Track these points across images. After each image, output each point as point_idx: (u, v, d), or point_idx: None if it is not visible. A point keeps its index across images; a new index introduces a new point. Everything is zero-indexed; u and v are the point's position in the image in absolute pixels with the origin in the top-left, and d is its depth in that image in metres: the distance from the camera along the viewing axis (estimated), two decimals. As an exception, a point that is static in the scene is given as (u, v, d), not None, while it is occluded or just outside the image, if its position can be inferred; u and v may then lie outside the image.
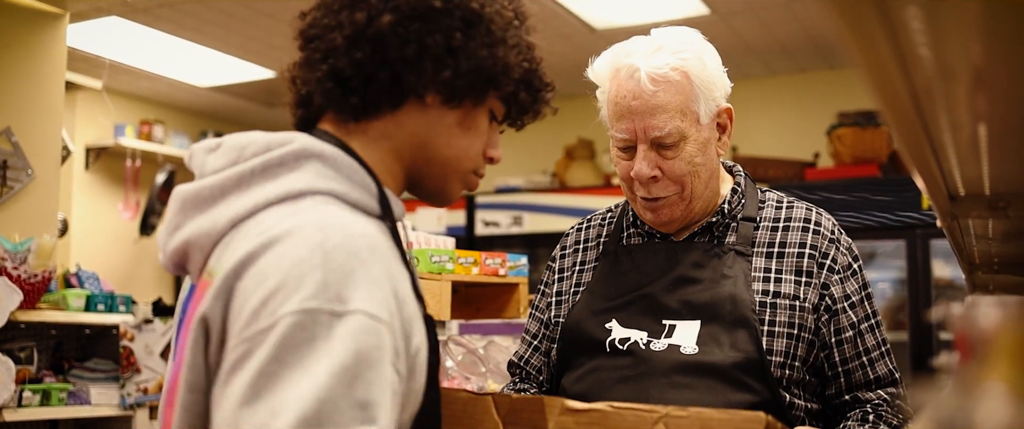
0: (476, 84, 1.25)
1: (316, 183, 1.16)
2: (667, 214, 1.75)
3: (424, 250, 2.46)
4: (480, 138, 1.31)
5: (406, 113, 1.26)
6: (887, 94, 0.68)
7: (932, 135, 0.86)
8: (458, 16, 1.23)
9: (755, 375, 1.64)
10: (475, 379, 2.58)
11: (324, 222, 1.09)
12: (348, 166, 1.20)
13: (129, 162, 6.91)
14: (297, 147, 1.18)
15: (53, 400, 4.27)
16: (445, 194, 1.34)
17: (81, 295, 4.46)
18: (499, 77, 1.26)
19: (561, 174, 6.70)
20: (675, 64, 1.68)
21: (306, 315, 1.01)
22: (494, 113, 1.32)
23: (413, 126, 1.26)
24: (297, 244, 1.06)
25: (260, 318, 1.03)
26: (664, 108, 1.68)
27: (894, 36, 0.57)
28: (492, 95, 1.29)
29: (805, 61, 6.20)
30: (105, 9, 5.20)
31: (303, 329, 1.01)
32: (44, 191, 4.68)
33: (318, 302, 1.02)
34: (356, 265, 1.05)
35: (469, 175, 1.34)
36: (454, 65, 1.22)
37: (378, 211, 1.22)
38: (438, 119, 1.27)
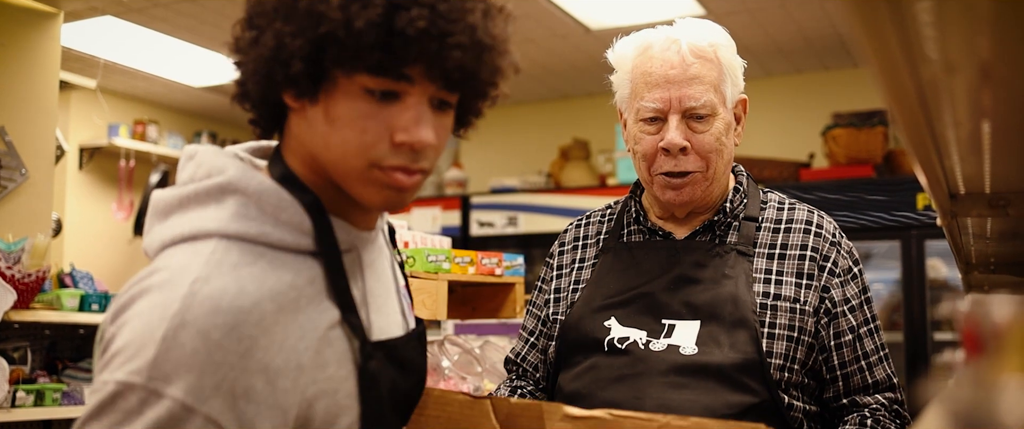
0: (307, 67, 1.09)
1: (227, 225, 1.13)
2: (688, 193, 1.74)
3: (421, 249, 2.46)
4: (357, 126, 1.11)
5: (293, 122, 1.19)
6: (894, 88, 0.68)
7: (935, 131, 0.86)
8: (265, 14, 1.14)
9: (754, 376, 1.64)
10: (471, 379, 2.57)
11: (192, 290, 1.07)
12: (274, 204, 1.15)
13: (123, 162, 6.90)
14: (223, 180, 1.16)
15: (47, 400, 4.25)
16: (363, 201, 1.17)
17: (75, 295, 4.44)
18: (323, 48, 1.08)
19: (556, 174, 6.70)
20: (713, 40, 1.73)
21: (127, 387, 1.04)
22: (381, 91, 1.11)
23: (301, 136, 1.18)
24: (155, 308, 1.06)
25: (104, 370, 1.07)
26: (701, 80, 1.70)
27: (903, 29, 0.57)
28: (347, 74, 1.10)
29: (800, 62, 6.21)
30: (99, 8, 5.19)
31: (120, 399, 1.03)
32: (38, 191, 4.67)
33: (142, 378, 1.03)
34: (199, 347, 1.04)
35: (370, 173, 1.13)
36: (281, 54, 1.10)
37: (310, 248, 1.17)
38: (311, 122, 1.15)
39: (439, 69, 1.10)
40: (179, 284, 1.07)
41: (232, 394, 1.05)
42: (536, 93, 6.97)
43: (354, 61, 1.07)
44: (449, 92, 1.15)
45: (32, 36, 4.75)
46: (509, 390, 1.91)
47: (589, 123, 6.88)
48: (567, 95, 7.03)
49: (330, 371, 1.15)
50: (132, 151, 6.88)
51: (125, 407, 1.03)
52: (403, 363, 1.28)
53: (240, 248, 1.12)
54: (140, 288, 1.10)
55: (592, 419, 1.35)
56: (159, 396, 1.03)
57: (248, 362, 1.07)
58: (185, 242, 1.14)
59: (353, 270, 1.23)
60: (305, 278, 1.15)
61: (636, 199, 1.87)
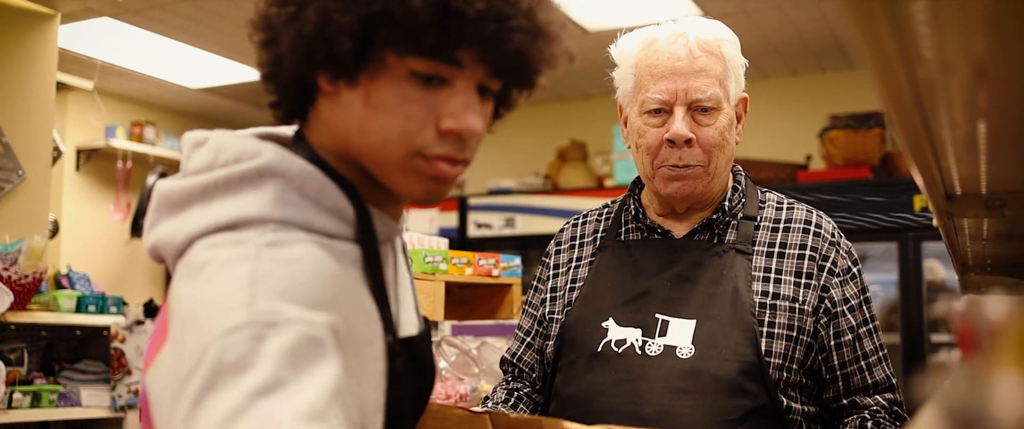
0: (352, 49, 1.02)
1: (272, 211, 1.04)
2: (690, 186, 1.74)
3: (418, 250, 2.46)
4: (401, 112, 1.05)
5: (323, 106, 1.11)
6: (890, 88, 0.68)
7: (932, 132, 0.86)
8: None
9: (753, 378, 1.64)
10: (468, 380, 2.57)
11: (262, 254, 0.99)
12: (317, 190, 1.08)
13: (120, 163, 6.89)
14: (261, 164, 1.07)
15: (44, 402, 4.25)
16: (402, 192, 1.11)
17: (72, 296, 4.44)
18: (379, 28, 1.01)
19: (553, 176, 6.70)
20: (719, 36, 1.75)
21: (228, 335, 0.92)
22: (428, 75, 1.04)
23: (333, 121, 1.10)
24: (225, 280, 0.97)
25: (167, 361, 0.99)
26: (707, 73, 1.71)
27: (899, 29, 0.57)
28: (398, 56, 1.03)
29: (797, 64, 6.21)
30: (96, 10, 5.19)
31: (228, 351, 0.91)
32: (35, 192, 4.67)
33: (245, 318, 0.93)
34: (289, 286, 0.97)
35: (412, 161, 1.07)
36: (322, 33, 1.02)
37: (351, 235, 1.10)
38: (347, 105, 1.07)
39: (496, 53, 1.04)
40: (240, 261, 0.99)
41: (334, 328, 0.97)
42: (533, 94, 6.95)
43: (406, 42, 1.00)
44: (495, 79, 1.09)
45: (29, 37, 4.75)
46: (506, 392, 1.90)
47: (586, 125, 6.88)
48: (564, 97, 7.03)
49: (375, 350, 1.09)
50: (129, 152, 6.88)
51: (236, 357, 0.90)
52: (422, 362, 1.23)
53: (283, 237, 1.03)
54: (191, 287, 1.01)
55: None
56: (272, 325, 0.92)
57: (334, 309, 1.00)
58: (224, 231, 1.04)
59: (386, 262, 1.17)
60: (349, 259, 1.09)
61: (635, 197, 1.87)
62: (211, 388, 0.90)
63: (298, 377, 0.91)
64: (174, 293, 1.04)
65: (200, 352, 0.92)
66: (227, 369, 0.90)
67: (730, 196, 1.80)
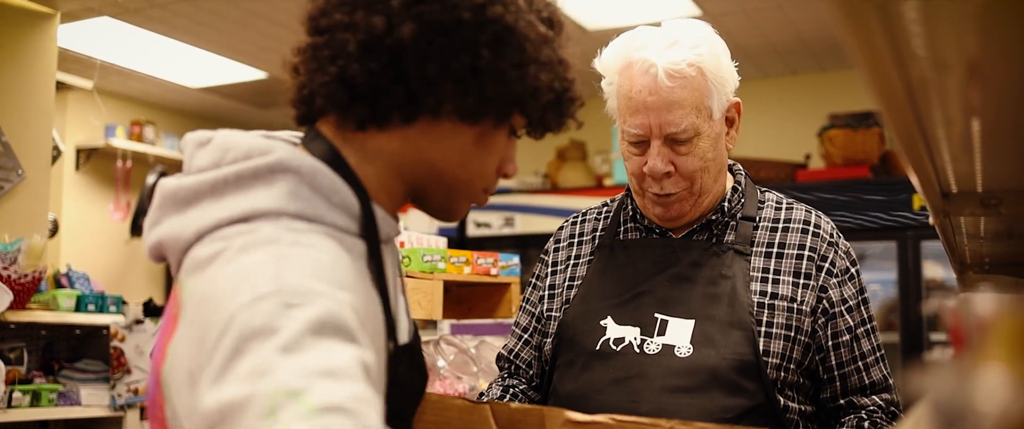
0: (501, 108, 1.14)
1: (285, 204, 1.07)
2: (677, 210, 1.74)
3: (416, 249, 2.46)
4: (496, 156, 1.20)
5: (418, 128, 1.14)
6: (883, 87, 0.68)
7: (926, 130, 0.86)
8: (489, 31, 1.10)
9: (750, 377, 1.64)
10: (467, 379, 2.57)
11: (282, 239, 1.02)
12: (328, 186, 1.11)
13: (120, 163, 6.89)
14: (273, 160, 1.10)
15: (43, 401, 4.25)
16: (452, 212, 1.24)
17: (71, 295, 4.44)
18: (527, 100, 1.14)
19: (553, 175, 6.70)
20: (692, 59, 1.66)
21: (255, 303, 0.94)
22: (514, 128, 1.20)
23: (423, 143, 1.15)
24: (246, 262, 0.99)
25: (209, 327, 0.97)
26: (680, 104, 1.66)
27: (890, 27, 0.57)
28: (516, 114, 1.17)
29: (796, 63, 6.22)
30: (96, 9, 5.19)
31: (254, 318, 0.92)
32: (34, 191, 4.67)
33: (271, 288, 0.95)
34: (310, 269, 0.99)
35: (480, 193, 1.23)
36: (478, 89, 1.11)
37: (356, 231, 1.13)
38: (452, 136, 1.15)
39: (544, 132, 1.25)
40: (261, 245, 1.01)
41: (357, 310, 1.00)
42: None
43: (540, 118, 1.19)
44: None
45: (28, 37, 4.75)
46: (501, 389, 1.90)
47: (586, 124, 6.86)
48: (564, 96, 7.02)
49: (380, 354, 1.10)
50: (129, 152, 6.88)
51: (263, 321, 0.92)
52: (418, 366, 1.25)
53: (299, 230, 1.06)
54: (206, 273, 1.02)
55: (595, 424, 1.33)
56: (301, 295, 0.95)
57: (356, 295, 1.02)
58: (237, 223, 1.06)
59: (387, 262, 1.20)
60: (357, 253, 1.12)
61: (632, 197, 1.87)
62: (239, 353, 0.90)
63: (327, 346, 0.92)
64: (184, 284, 1.06)
65: (226, 321, 0.93)
66: (255, 333, 0.91)
67: (729, 196, 1.80)
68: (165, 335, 1.08)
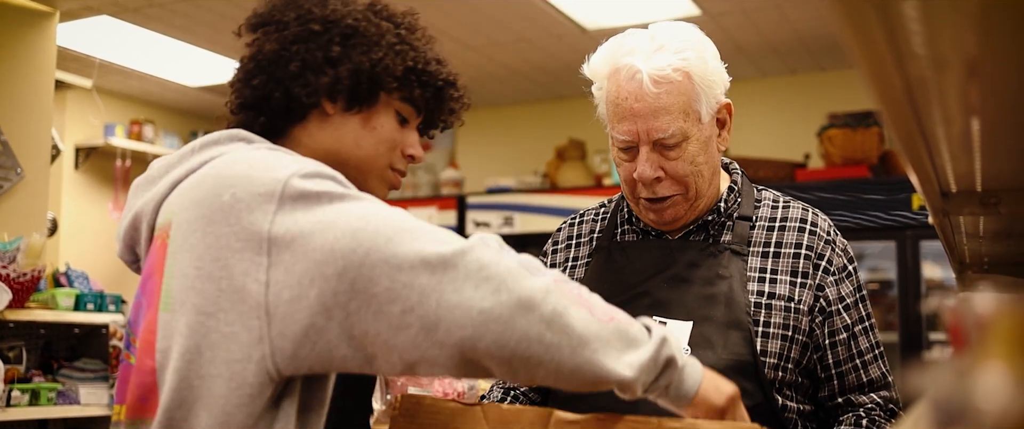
0: (360, 86, 1.39)
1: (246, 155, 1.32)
2: (671, 214, 1.74)
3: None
4: (388, 137, 1.45)
5: (314, 124, 1.42)
6: (882, 86, 0.68)
7: (925, 129, 0.86)
8: (336, 31, 1.40)
9: (748, 377, 1.64)
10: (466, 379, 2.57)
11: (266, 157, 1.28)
12: (268, 147, 1.35)
13: (119, 162, 6.89)
14: (230, 132, 1.37)
15: (42, 400, 4.25)
16: (371, 191, 1.39)
17: (70, 294, 4.44)
18: (380, 77, 1.40)
19: (552, 175, 6.70)
20: (677, 64, 1.66)
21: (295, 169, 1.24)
22: (403, 115, 1.46)
23: (321, 135, 1.42)
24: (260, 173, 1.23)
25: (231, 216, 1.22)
26: (667, 110, 1.65)
27: (890, 26, 0.57)
28: (388, 97, 1.43)
29: (796, 63, 6.22)
30: (95, 8, 5.19)
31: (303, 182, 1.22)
32: (33, 190, 4.67)
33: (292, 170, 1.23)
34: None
35: (386, 172, 1.47)
36: (333, 72, 1.38)
37: None
38: (342, 124, 1.42)
39: (441, 121, 1.53)
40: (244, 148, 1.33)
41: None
42: (532, 93, 6.97)
43: (417, 106, 1.47)
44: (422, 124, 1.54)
45: (28, 36, 4.75)
46: (502, 391, 1.91)
47: (585, 123, 6.82)
48: (563, 95, 7.03)
49: None
50: (128, 151, 6.88)
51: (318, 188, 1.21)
52: None
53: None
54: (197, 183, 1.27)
55: (583, 423, 1.34)
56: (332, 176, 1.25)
57: None
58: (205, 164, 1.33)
59: None
60: None
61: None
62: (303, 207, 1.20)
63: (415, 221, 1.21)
64: (165, 211, 1.29)
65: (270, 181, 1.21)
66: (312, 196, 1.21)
67: (726, 196, 1.80)
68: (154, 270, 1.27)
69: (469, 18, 5.35)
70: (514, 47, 5.90)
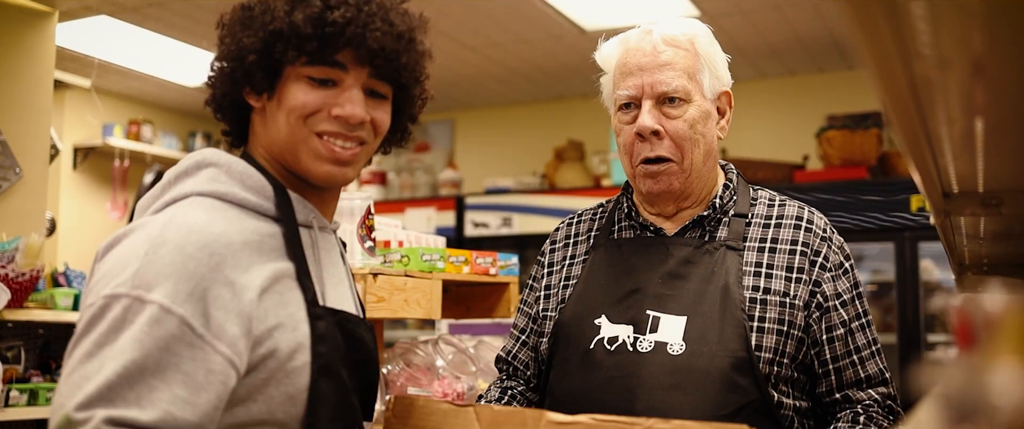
0: (256, 67, 1.35)
1: (202, 186, 1.35)
2: (666, 182, 1.76)
3: (415, 248, 2.46)
4: (296, 105, 1.36)
5: (256, 122, 1.43)
6: (888, 85, 0.68)
7: (929, 128, 0.87)
8: (229, 20, 1.40)
9: (743, 373, 1.64)
10: (465, 378, 2.57)
11: (172, 220, 1.27)
12: (241, 172, 1.37)
13: (117, 162, 6.89)
14: (199, 157, 1.39)
15: (41, 400, 4.24)
16: (311, 174, 1.40)
17: (69, 294, 4.43)
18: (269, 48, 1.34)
19: (550, 175, 6.70)
20: (687, 32, 1.77)
21: (113, 299, 1.20)
22: (319, 78, 1.37)
23: (264, 133, 1.42)
24: (138, 237, 1.25)
25: (90, 295, 1.24)
26: (672, 66, 1.74)
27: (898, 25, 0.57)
28: (294, 68, 1.36)
29: (794, 64, 6.22)
30: (94, 8, 5.18)
31: (108, 310, 1.20)
32: (32, 190, 4.66)
33: (126, 288, 1.20)
34: (176, 259, 1.22)
35: (310, 139, 1.38)
36: (234, 61, 1.37)
37: (272, 212, 1.38)
38: (270, 115, 1.40)
39: (365, 51, 1.35)
40: (157, 221, 1.28)
41: (203, 300, 1.22)
42: (531, 94, 6.97)
43: (297, 51, 1.34)
44: (380, 82, 1.41)
45: (26, 35, 4.74)
46: (499, 390, 1.91)
47: (583, 124, 6.88)
48: (562, 96, 7.03)
49: (291, 310, 1.32)
50: (126, 151, 6.87)
51: (111, 317, 1.19)
52: (353, 337, 1.41)
53: (212, 201, 1.34)
54: (123, 232, 1.29)
55: (575, 425, 1.35)
56: (142, 302, 1.19)
57: (217, 274, 1.24)
58: (165, 207, 1.35)
59: (309, 243, 1.42)
60: (267, 232, 1.35)
61: (628, 196, 1.89)
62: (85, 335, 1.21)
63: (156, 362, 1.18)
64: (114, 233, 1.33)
65: (87, 304, 1.24)
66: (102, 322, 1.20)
67: (721, 194, 1.81)
68: None
69: (468, 18, 5.35)
70: (513, 47, 5.90)
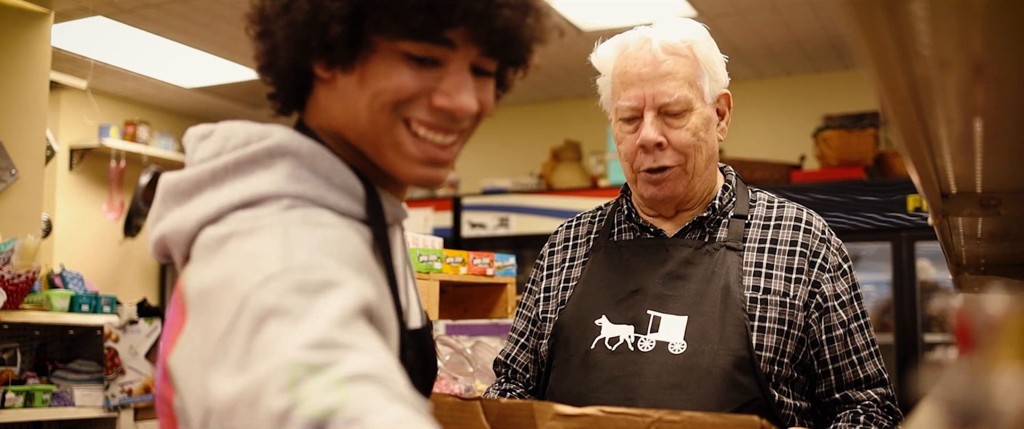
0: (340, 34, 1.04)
1: (285, 186, 1.06)
2: (669, 188, 1.75)
3: (412, 249, 2.46)
4: (387, 88, 1.06)
5: (321, 94, 1.12)
6: (888, 85, 0.68)
7: (928, 128, 0.86)
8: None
9: (744, 373, 1.65)
10: (463, 379, 2.57)
11: (289, 227, 1.00)
12: (327, 168, 1.09)
13: (113, 163, 6.88)
14: (272, 144, 1.08)
15: (37, 402, 4.24)
16: (397, 173, 1.12)
17: (65, 296, 4.43)
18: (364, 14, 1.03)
19: (548, 176, 6.70)
20: (686, 37, 1.74)
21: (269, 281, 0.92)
22: (419, 56, 1.06)
23: (331, 108, 1.11)
24: (253, 247, 0.97)
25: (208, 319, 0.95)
26: (673, 76, 1.72)
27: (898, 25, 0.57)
28: (380, 39, 1.05)
29: (791, 64, 6.22)
30: (90, 9, 5.18)
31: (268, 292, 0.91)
32: (28, 191, 4.65)
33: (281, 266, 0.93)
34: (319, 248, 0.97)
35: (397, 131, 1.09)
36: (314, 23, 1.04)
37: (361, 215, 1.11)
38: (343, 91, 1.09)
39: (485, 29, 1.05)
40: (267, 227, 0.99)
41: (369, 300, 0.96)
42: (528, 94, 6.97)
43: (396, 24, 1.02)
44: (490, 58, 1.10)
45: (22, 36, 4.73)
46: (498, 393, 1.91)
47: (581, 124, 6.88)
48: (559, 96, 7.03)
49: (390, 342, 1.08)
50: (123, 152, 6.87)
51: (275, 301, 0.89)
52: (427, 355, 1.21)
53: (302, 212, 1.04)
54: (213, 262, 0.99)
55: (584, 416, 1.35)
56: (315, 276, 0.92)
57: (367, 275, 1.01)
58: (239, 209, 1.04)
59: (394, 247, 1.18)
60: (362, 243, 1.08)
61: (627, 197, 1.89)
62: (256, 333, 0.88)
63: (346, 321, 0.89)
64: (191, 274, 1.02)
65: (238, 305, 0.91)
66: (271, 312, 0.88)
67: (720, 195, 1.82)
68: (173, 328, 1.05)
69: (465, 19, 5.34)
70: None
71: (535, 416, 1.38)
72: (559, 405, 1.37)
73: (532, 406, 1.39)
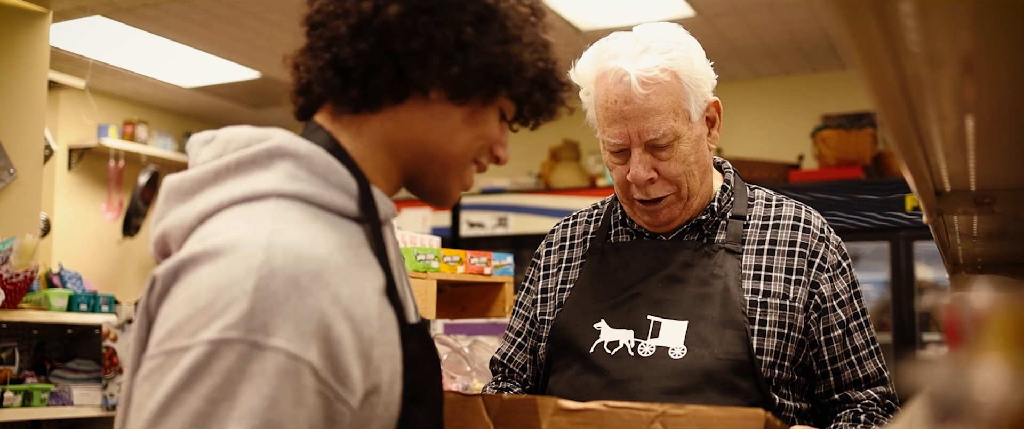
0: (486, 82, 1.19)
1: (283, 185, 1.12)
2: (666, 215, 1.75)
3: (410, 248, 2.46)
4: (485, 136, 1.25)
5: (408, 108, 1.20)
6: (878, 84, 0.68)
7: (920, 127, 0.86)
8: (471, 10, 1.17)
9: (745, 377, 1.64)
10: (460, 378, 2.57)
11: (271, 240, 1.05)
12: (324, 166, 1.15)
13: (112, 162, 6.88)
14: (272, 145, 1.15)
15: (35, 401, 4.24)
16: (445, 193, 1.28)
17: (63, 295, 4.43)
18: (511, 76, 1.20)
19: (546, 175, 6.70)
20: (664, 64, 1.66)
21: (223, 345, 0.99)
22: (504, 111, 1.25)
23: (415, 122, 1.20)
24: (235, 263, 1.03)
25: (180, 335, 1.02)
26: (656, 111, 1.66)
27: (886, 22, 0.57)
28: (503, 93, 1.22)
29: (789, 63, 6.22)
30: (88, 8, 5.18)
31: (218, 358, 0.98)
32: (26, 190, 4.65)
33: (239, 332, 0.99)
34: (291, 293, 1.02)
35: (469, 169, 1.27)
36: (463, 61, 1.16)
37: (356, 213, 1.18)
38: (443, 116, 1.21)
39: (534, 121, 1.30)
40: (250, 240, 1.04)
41: (327, 341, 1.03)
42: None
43: (527, 97, 1.24)
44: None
45: (21, 35, 4.73)
46: (495, 391, 1.91)
47: (579, 124, 6.84)
48: (557, 96, 7.02)
49: (389, 335, 1.14)
50: (121, 151, 6.87)
51: (223, 367, 0.98)
52: (429, 348, 1.26)
53: (299, 206, 1.12)
54: (202, 249, 1.06)
55: (588, 411, 1.35)
56: (262, 348, 0.99)
57: (337, 308, 1.05)
58: (237, 205, 1.11)
59: (390, 244, 1.26)
60: (357, 240, 1.16)
61: (622, 200, 1.87)
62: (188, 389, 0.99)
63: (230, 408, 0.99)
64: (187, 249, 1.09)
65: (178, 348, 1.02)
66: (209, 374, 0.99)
67: (719, 195, 1.80)
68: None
69: (463, 19, 5.34)
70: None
71: (538, 411, 1.38)
72: (562, 400, 1.37)
73: (535, 401, 1.39)
